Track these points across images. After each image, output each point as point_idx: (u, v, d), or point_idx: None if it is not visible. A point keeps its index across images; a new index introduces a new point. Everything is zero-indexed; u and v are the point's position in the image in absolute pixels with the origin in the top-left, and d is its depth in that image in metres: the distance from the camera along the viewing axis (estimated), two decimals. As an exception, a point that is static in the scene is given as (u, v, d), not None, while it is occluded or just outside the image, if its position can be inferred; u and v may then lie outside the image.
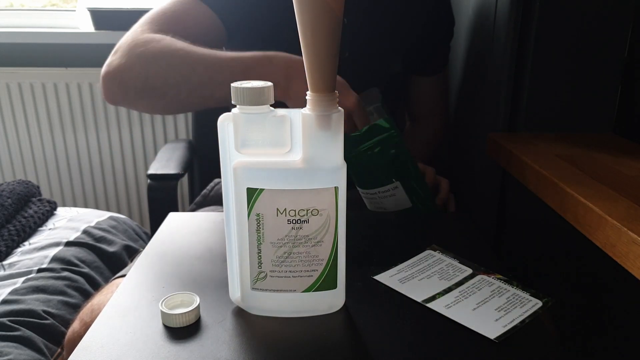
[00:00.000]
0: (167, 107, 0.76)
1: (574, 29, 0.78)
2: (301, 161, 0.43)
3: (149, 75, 0.71)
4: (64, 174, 1.68)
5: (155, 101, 0.74)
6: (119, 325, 0.46)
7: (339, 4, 0.40)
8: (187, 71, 0.70)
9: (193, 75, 0.70)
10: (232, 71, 0.69)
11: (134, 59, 0.72)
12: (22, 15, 1.65)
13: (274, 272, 0.46)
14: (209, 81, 0.70)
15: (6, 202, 1.11)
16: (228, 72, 0.69)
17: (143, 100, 0.74)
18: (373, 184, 0.72)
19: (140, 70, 0.72)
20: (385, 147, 0.69)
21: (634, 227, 0.49)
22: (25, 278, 0.94)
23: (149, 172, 1.04)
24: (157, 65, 0.71)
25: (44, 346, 0.83)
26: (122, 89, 0.73)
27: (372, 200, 0.74)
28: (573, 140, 0.78)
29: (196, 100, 0.73)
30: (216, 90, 0.70)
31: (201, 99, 0.73)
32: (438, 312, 0.48)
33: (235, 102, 0.43)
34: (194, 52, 0.71)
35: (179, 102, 0.73)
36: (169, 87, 0.71)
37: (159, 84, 0.71)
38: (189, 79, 0.70)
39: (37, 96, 1.58)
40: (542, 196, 0.66)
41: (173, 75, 0.71)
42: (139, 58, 0.72)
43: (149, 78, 0.71)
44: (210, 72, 0.70)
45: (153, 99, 0.73)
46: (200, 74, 0.70)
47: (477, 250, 0.60)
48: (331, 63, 0.42)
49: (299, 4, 0.40)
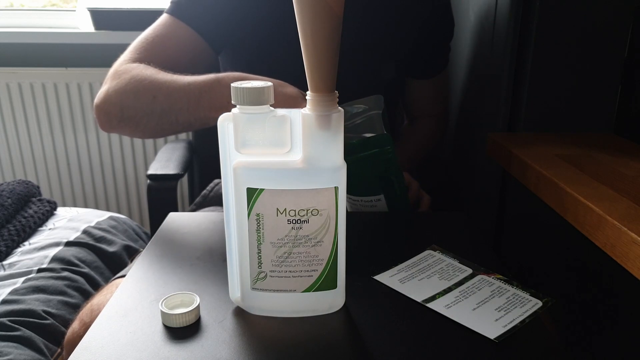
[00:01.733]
0: (147, 133, 0.78)
1: (574, 29, 0.78)
2: (301, 161, 0.43)
3: (123, 106, 0.74)
4: (64, 174, 1.68)
5: (135, 129, 0.76)
6: (119, 325, 0.46)
7: (339, 4, 0.40)
8: (149, 100, 0.72)
9: (155, 104, 0.72)
10: (188, 97, 0.70)
11: (112, 91, 0.75)
12: (22, 15, 1.65)
13: (274, 272, 0.46)
14: (169, 109, 0.71)
15: (6, 202, 1.11)
16: (185, 98, 0.70)
17: (125, 128, 0.77)
18: (359, 192, 0.74)
19: (116, 102, 0.74)
20: (378, 162, 0.70)
21: (634, 227, 0.49)
22: (25, 278, 0.94)
23: (148, 173, 1.04)
24: (127, 96, 0.74)
25: (44, 346, 0.83)
26: (107, 119, 0.76)
27: (353, 204, 0.76)
28: (573, 140, 0.78)
29: (166, 126, 0.74)
30: (179, 116, 0.71)
31: (170, 125, 0.74)
32: (438, 312, 0.48)
33: (235, 102, 0.43)
34: (156, 81, 0.73)
35: (154, 129, 0.75)
36: (140, 117, 0.73)
37: (132, 114, 0.74)
38: (153, 108, 0.72)
39: (37, 96, 1.58)
40: (542, 196, 0.66)
41: (140, 106, 0.73)
42: (115, 90, 0.75)
43: (123, 109, 0.74)
44: (170, 100, 0.71)
45: (132, 127, 0.76)
46: (161, 102, 0.72)
47: (477, 250, 0.60)
48: (331, 63, 0.42)
49: (299, 4, 0.40)
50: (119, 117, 0.75)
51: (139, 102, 0.73)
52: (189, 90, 0.70)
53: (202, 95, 0.69)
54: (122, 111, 0.74)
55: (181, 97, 0.70)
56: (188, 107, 0.70)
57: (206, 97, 0.69)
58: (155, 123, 0.73)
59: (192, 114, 0.70)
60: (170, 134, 0.78)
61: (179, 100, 0.70)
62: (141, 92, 0.73)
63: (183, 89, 0.70)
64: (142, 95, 0.72)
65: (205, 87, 0.70)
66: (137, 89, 0.73)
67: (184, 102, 0.70)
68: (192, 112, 0.70)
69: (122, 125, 0.76)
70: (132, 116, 0.74)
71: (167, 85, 0.72)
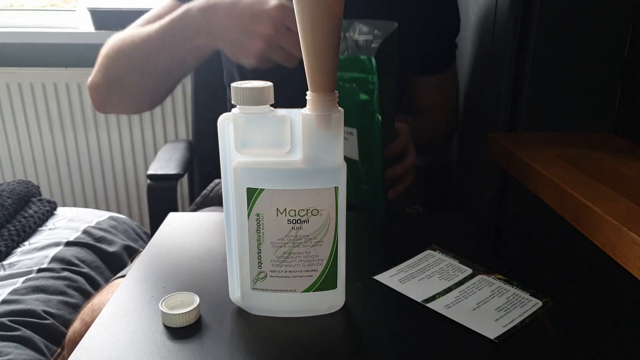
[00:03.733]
0: (134, 98, 0.79)
1: (574, 29, 0.78)
2: (301, 161, 0.43)
3: (106, 70, 0.77)
4: (64, 174, 1.68)
5: (122, 96, 0.78)
6: (119, 325, 0.46)
7: (339, 4, 0.40)
8: (127, 54, 0.75)
9: (133, 56, 0.74)
10: (163, 36, 0.72)
11: (96, 65, 0.78)
12: (22, 15, 1.65)
13: (274, 272, 0.46)
14: (147, 56, 0.74)
15: (6, 202, 1.11)
16: (160, 39, 0.72)
17: (114, 98, 0.78)
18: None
19: (99, 70, 0.77)
20: (358, 89, 0.65)
21: (634, 227, 0.49)
22: (25, 278, 0.94)
23: (148, 173, 1.04)
24: (108, 59, 0.77)
25: (44, 346, 0.83)
26: (97, 92, 0.78)
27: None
28: (573, 140, 0.78)
29: (149, 80, 0.76)
30: (157, 62, 0.73)
31: (151, 77, 0.75)
32: (438, 312, 0.48)
33: (235, 102, 0.43)
34: (131, 35, 0.75)
35: (139, 90, 0.77)
36: (123, 75, 0.76)
37: (115, 74, 0.76)
38: (132, 62, 0.74)
39: (37, 96, 1.58)
40: (542, 196, 0.66)
41: (121, 63, 0.75)
42: (98, 63, 0.78)
43: (107, 72, 0.77)
44: (146, 47, 0.73)
45: (119, 93, 0.77)
46: (139, 52, 0.74)
47: (477, 250, 0.60)
48: (331, 63, 0.42)
49: (299, 4, 0.40)
50: (105, 86, 0.76)
51: (119, 60, 0.75)
52: (161, 30, 0.72)
53: (174, 28, 0.71)
54: (107, 75, 0.76)
55: (156, 39, 0.72)
56: (164, 47, 0.72)
57: (179, 28, 0.71)
58: (137, 79, 0.75)
59: (169, 52, 0.72)
60: (155, 92, 0.79)
61: (154, 43, 0.72)
62: (119, 50, 0.75)
63: (156, 31, 0.72)
64: (120, 52, 0.75)
65: (176, 19, 0.71)
66: (115, 48, 0.76)
67: (159, 44, 0.72)
68: (168, 51, 0.72)
69: (111, 96, 0.77)
70: (116, 77, 0.75)
71: (140, 35, 0.74)
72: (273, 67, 0.72)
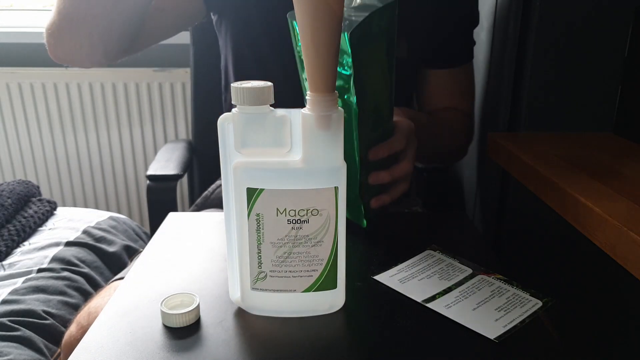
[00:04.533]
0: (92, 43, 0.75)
1: (574, 28, 0.78)
2: (301, 161, 0.43)
3: (59, 9, 0.74)
4: (64, 174, 1.68)
5: (75, 33, 0.75)
6: (119, 326, 0.46)
7: (339, 4, 0.40)
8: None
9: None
10: None
11: (54, 8, 0.74)
12: (22, 15, 1.65)
13: (274, 272, 0.46)
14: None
15: (6, 202, 1.11)
16: None
17: (67, 37, 0.75)
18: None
19: (54, 12, 0.74)
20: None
21: (634, 227, 0.49)
22: (25, 278, 0.94)
23: (148, 173, 1.04)
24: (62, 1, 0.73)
25: (44, 346, 0.83)
26: (51, 37, 0.75)
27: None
28: (573, 140, 0.78)
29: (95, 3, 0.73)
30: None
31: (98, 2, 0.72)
32: (438, 312, 0.48)
33: (235, 102, 0.43)
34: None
35: (88, 23, 0.73)
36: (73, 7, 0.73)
37: (70, 12, 0.73)
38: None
39: (37, 96, 1.58)
40: (542, 196, 0.66)
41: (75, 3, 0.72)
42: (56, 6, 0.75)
43: (59, 12, 0.74)
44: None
45: (71, 31, 0.74)
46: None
47: (477, 250, 0.60)
48: (331, 63, 0.42)
49: (299, 4, 0.40)
50: (56, 22, 0.74)
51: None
52: None
53: None
54: (57, 10, 0.73)
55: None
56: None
57: None
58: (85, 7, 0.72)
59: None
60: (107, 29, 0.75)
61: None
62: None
63: None
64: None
65: None
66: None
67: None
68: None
69: (61, 33, 0.74)
70: (65, 9, 0.73)
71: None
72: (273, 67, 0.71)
